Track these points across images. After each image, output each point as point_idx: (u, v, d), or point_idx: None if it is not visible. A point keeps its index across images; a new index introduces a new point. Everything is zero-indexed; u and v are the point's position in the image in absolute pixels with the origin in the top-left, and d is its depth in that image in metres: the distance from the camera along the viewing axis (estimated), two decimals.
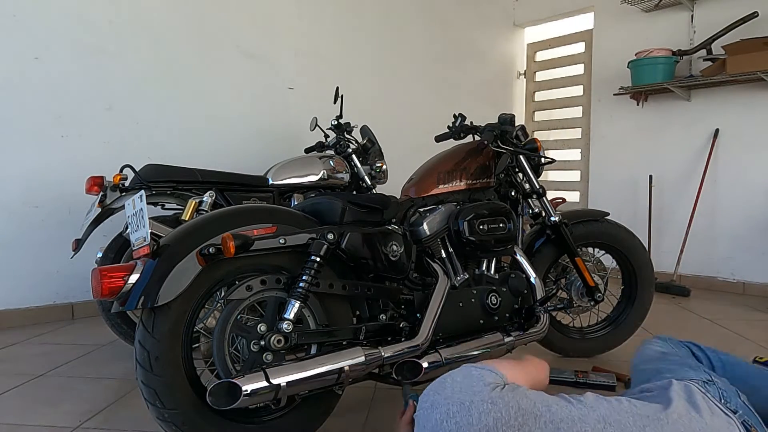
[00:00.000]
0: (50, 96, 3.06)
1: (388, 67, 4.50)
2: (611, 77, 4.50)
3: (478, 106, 4.97)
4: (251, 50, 3.77)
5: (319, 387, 1.45)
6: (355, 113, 3.51)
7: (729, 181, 3.91)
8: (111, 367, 2.32)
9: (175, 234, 1.42)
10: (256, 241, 1.42)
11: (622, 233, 2.35)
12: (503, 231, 1.92)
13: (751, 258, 3.81)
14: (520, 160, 2.15)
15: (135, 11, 3.32)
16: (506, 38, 5.37)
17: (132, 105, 3.32)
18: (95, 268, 1.31)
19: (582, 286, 2.21)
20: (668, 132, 4.24)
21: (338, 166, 2.97)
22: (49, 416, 1.83)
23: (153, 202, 2.50)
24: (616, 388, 2.01)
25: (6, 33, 2.93)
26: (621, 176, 4.54)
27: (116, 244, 2.47)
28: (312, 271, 1.48)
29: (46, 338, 2.77)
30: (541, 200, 2.18)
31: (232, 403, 1.27)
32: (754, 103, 3.78)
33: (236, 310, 1.43)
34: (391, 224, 1.78)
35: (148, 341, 1.34)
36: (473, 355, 1.75)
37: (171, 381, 1.34)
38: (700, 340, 2.71)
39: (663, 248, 4.17)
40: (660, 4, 4.14)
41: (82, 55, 3.15)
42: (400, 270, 1.69)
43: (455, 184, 1.97)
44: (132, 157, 2.62)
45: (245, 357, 1.41)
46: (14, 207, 3.00)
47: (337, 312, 1.58)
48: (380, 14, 4.45)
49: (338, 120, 3.12)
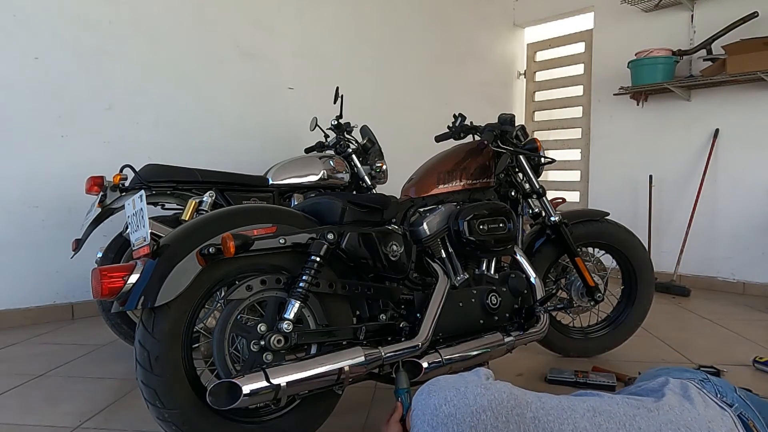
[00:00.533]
0: (50, 96, 3.06)
1: (388, 67, 4.50)
2: (611, 77, 4.49)
3: (478, 106, 4.97)
4: (251, 50, 3.77)
5: (319, 387, 1.45)
6: (355, 113, 3.50)
7: (729, 181, 3.91)
8: (111, 367, 2.32)
9: (175, 234, 1.42)
10: (256, 241, 1.42)
11: (622, 233, 2.35)
12: (503, 231, 1.92)
13: (751, 258, 3.81)
14: (520, 160, 2.15)
15: (135, 11, 3.32)
16: (506, 38, 5.36)
17: (132, 105, 3.32)
18: (95, 268, 1.31)
19: (582, 286, 2.21)
20: (668, 132, 4.23)
21: (338, 166, 2.97)
22: (49, 416, 1.83)
23: (153, 202, 2.50)
24: (616, 388, 2.01)
25: (6, 33, 2.93)
26: (621, 176, 4.54)
27: (116, 244, 2.47)
28: (312, 271, 1.48)
29: (46, 338, 2.77)
30: (541, 200, 2.18)
31: (232, 403, 1.27)
32: (754, 103, 3.78)
33: (236, 310, 1.43)
34: (391, 224, 1.78)
35: (148, 341, 1.34)
36: (473, 355, 1.75)
37: (171, 381, 1.34)
38: (700, 340, 2.72)
39: (663, 248, 4.17)
40: (660, 4, 4.14)
41: (82, 55, 3.15)
42: (400, 270, 1.69)
43: (455, 184, 1.97)
44: (132, 157, 2.62)
45: (245, 357, 1.41)
46: (14, 207, 3.00)
47: (337, 312, 1.58)
48: (380, 14, 4.45)
49: (338, 120, 3.12)
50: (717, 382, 1.19)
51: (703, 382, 1.17)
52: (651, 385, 1.16)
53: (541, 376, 2.16)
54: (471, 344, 1.77)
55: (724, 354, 2.46)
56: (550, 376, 2.11)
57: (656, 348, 2.55)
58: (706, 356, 2.41)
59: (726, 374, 2.14)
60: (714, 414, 1.03)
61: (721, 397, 1.12)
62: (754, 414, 1.12)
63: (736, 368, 2.25)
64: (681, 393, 1.07)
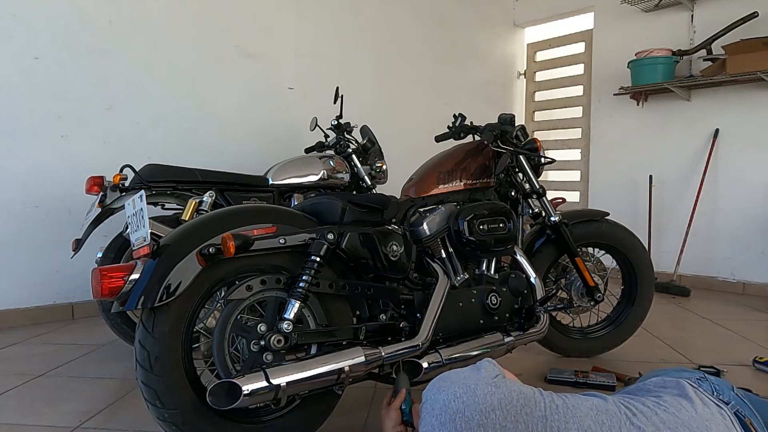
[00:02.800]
0: (50, 96, 3.06)
1: (388, 67, 4.50)
2: (611, 77, 4.49)
3: (478, 106, 4.96)
4: (251, 50, 3.77)
5: (319, 387, 1.44)
6: (355, 113, 3.50)
7: (729, 181, 3.91)
8: (111, 367, 2.32)
9: (175, 234, 1.41)
10: (256, 241, 1.42)
11: (622, 233, 2.35)
12: (503, 231, 1.92)
13: (751, 258, 3.81)
14: (520, 160, 2.15)
15: (135, 11, 3.32)
16: (506, 38, 5.36)
17: (132, 105, 3.32)
18: (95, 268, 1.31)
19: (582, 286, 2.21)
20: (668, 132, 4.23)
21: (338, 166, 2.97)
22: (49, 416, 1.83)
23: (153, 202, 2.50)
24: (615, 387, 2.01)
25: (6, 33, 2.93)
26: (621, 176, 4.54)
27: (116, 244, 2.47)
28: (312, 271, 1.48)
29: (46, 338, 2.77)
30: (541, 200, 2.18)
31: (232, 403, 1.27)
32: (754, 103, 3.78)
33: (236, 310, 1.43)
34: (391, 224, 1.78)
35: (148, 341, 1.33)
36: (473, 355, 1.75)
37: (171, 381, 1.34)
38: (700, 340, 2.72)
39: (663, 248, 4.17)
40: (660, 4, 4.14)
41: (82, 55, 3.15)
42: (400, 270, 1.69)
43: (455, 184, 1.97)
44: (132, 157, 2.62)
45: (245, 357, 1.41)
46: (14, 207, 3.00)
47: (337, 312, 1.58)
48: (380, 14, 4.45)
49: (338, 120, 3.12)
50: (714, 381, 1.19)
51: (700, 380, 1.17)
52: (648, 385, 1.16)
53: (541, 376, 2.16)
54: (471, 344, 1.77)
55: (724, 354, 2.46)
56: (550, 376, 2.11)
57: (656, 348, 2.55)
58: (706, 356, 2.41)
59: (726, 374, 2.14)
60: (712, 412, 1.03)
61: (717, 395, 1.12)
62: (751, 412, 1.12)
63: (736, 368, 2.25)
64: (678, 392, 1.08)
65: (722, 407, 1.07)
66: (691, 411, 1.01)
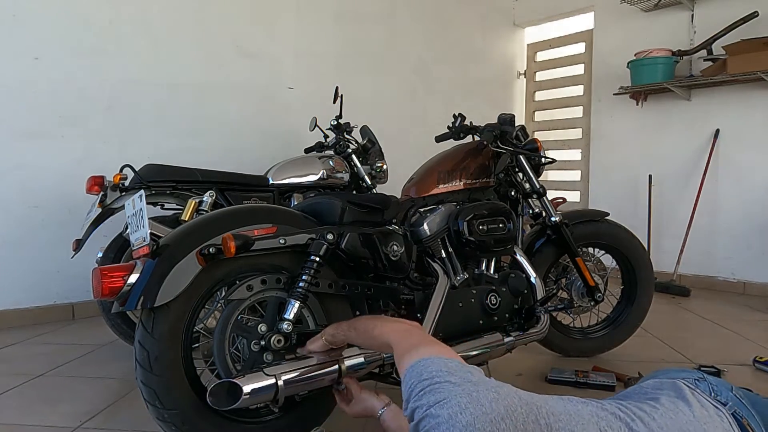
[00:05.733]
0: (50, 96, 3.06)
1: (388, 67, 4.50)
2: (611, 77, 4.49)
3: (478, 106, 4.96)
4: (251, 50, 3.77)
5: (319, 387, 1.45)
6: (355, 113, 3.50)
7: (729, 181, 3.91)
8: (111, 367, 2.31)
9: (175, 234, 1.42)
10: (256, 241, 1.42)
11: (622, 233, 2.35)
12: (503, 231, 1.91)
13: (751, 258, 3.81)
14: (520, 160, 2.15)
15: (135, 11, 3.32)
16: (506, 38, 5.36)
17: (132, 105, 3.32)
18: (95, 268, 1.31)
19: (582, 286, 2.21)
20: (668, 132, 4.23)
21: (338, 166, 2.97)
22: (49, 416, 1.83)
23: (153, 202, 2.50)
24: (615, 387, 2.01)
25: (6, 33, 2.93)
26: (621, 176, 4.54)
27: (116, 244, 2.47)
28: (312, 271, 1.48)
29: (46, 338, 2.77)
30: (542, 200, 2.18)
31: (232, 403, 1.27)
32: (754, 103, 3.78)
33: (236, 310, 1.43)
34: (392, 224, 1.78)
35: (147, 341, 1.33)
36: (473, 356, 1.75)
37: (171, 381, 1.34)
38: (700, 340, 2.72)
39: (663, 248, 4.16)
40: (660, 4, 4.14)
41: (82, 55, 3.15)
42: (400, 270, 1.69)
43: (455, 184, 1.97)
44: (132, 157, 2.62)
45: (245, 357, 1.41)
46: (14, 207, 3.00)
47: (337, 312, 1.58)
48: (380, 14, 4.45)
49: (338, 120, 3.11)
50: (712, 381, 1.18)
51: (698, 381, 1.16)
52: (645, 387, 1.15)
53: (541, 376, 2.16)
54: (471, 344, 1.77)
55: (724, 354, 2.45)
56: (550, 376, 2.11)
57: (656, 348, 2.55)
58: (706, 356, 2.41)
59: (726, 374, 2.14)
60: (709, 414, 1.03)
61: (715, 395, 1.12)
62: (748, 412, 1.12)
63: (737, 368, 2.25)
64: (675, 394, 1.07)
65: (720, 408, 1.06)
66: (689, 414, 1.01)
